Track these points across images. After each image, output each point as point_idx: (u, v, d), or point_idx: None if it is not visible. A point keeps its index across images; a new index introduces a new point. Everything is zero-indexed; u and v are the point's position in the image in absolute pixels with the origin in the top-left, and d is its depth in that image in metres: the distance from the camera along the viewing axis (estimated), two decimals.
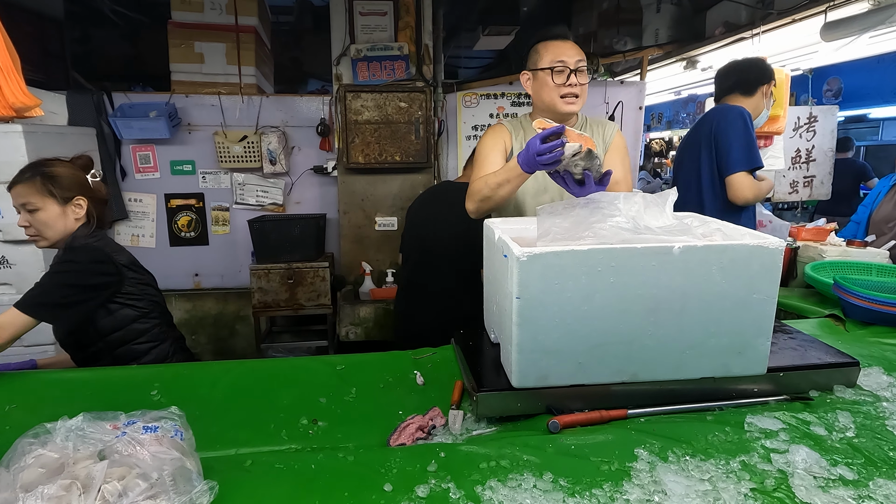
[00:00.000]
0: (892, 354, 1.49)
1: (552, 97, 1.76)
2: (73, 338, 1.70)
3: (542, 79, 1.77)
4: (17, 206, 1.63)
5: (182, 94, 3.38)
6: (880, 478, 0.94)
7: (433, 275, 2.46)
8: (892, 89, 6.74)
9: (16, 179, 1.63)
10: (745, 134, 2.29)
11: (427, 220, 2.51)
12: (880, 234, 3.24)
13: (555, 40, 1.79)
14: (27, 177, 1.62)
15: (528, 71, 1.83)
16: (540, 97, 1.80)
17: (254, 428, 1.21)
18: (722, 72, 2.51)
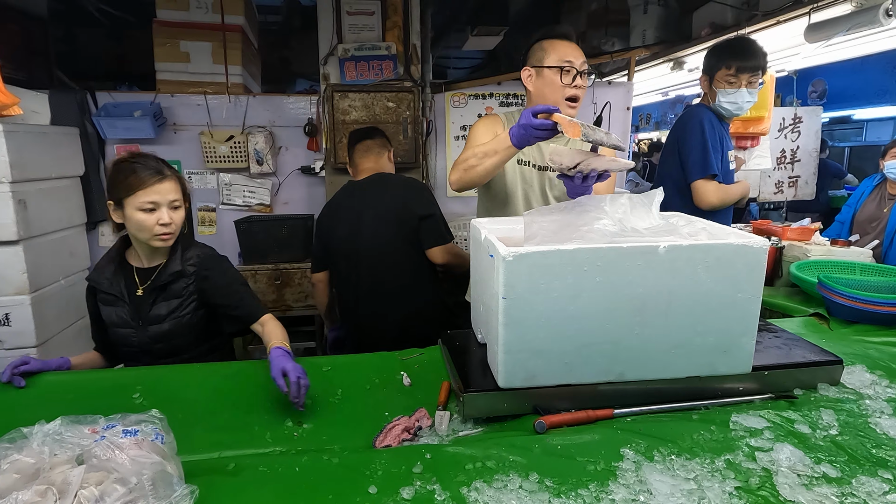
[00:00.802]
0: (874, 352, 1.51)
1: (557, 97, 1.75)
2: (205, 334, 1.69)
3: (549, 77, 1.76)
4: (163, 202, 1.54)
5: (167, 94, 3.34)
6: (863, 475, 0.95)
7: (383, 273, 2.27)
8: (876, 91, 6.83)
9: (161, 174, 1.54)
10: (701, 141, 2.27)
11: (350, 220, 2.28)
12: (864, 234, 3.28)
13: (561, 39, 1.78)
14: (170, 173, 1.57)
15: (531, 67, 1.80)
16: (543, 95, 1.79)
17: (238, 431, 1.20)
18: None
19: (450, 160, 3.74)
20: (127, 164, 1.54)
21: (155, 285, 1.61)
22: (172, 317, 1.61)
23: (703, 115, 2.31)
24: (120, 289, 1.62)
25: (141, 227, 1.53)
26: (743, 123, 2.64)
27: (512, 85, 3.67)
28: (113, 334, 1.64)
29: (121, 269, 1.64)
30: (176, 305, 1.61)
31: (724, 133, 2.37)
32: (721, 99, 2.24)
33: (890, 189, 3.32)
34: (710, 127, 2.26)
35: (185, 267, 1.62)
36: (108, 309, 1.62)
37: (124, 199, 1.52)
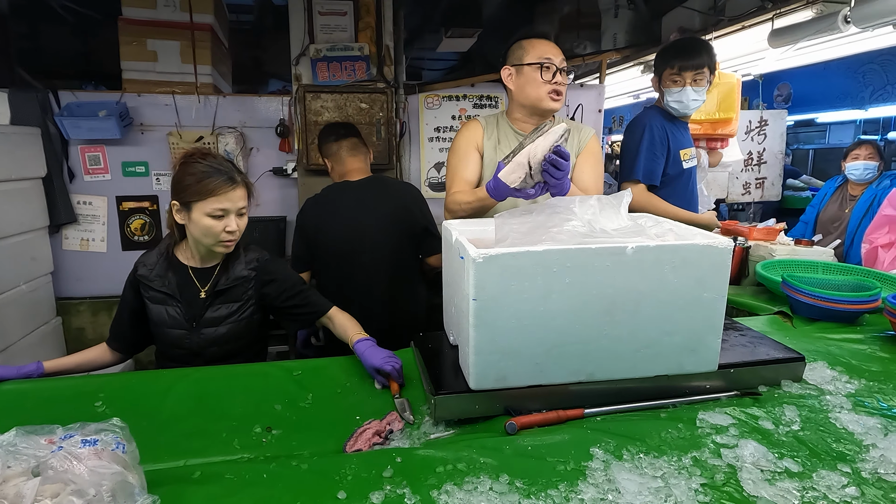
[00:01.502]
0: (835, 349, 1.55)
1: (539, 93, 1.77)
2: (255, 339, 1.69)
3: (529, 74, 1.78)
4: (233, 209, 1.49)
5: (134, 94, 3.26)
6: (823, 469, 0.97)
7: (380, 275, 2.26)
8: (838, 95, 7.05)
9: (234, 181, 1.49)
10: (635, 145, 2.31)
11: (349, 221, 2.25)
12: (826, 234, 3.38)
13: (540, 39, 1.81)
14: (240, 179, 1.52)
15: (511, 66, 1.82)
16: (524, 93, 1.80)
17: (205, 438, 1.17)
18: None
19: (424, 161, 3.73)
20: (199, 167, 1.48)
21: (218, 288, 1.58)
22: (230, 320, 1.58)
23: (648, 120, 2.34)
24: (173, 287, 1.57)
25: (207, 233, 1.49)
26: (712, 125, 2.70)
27: (486, 87, 3.68)
28: (162, 334, 1.59)
29: (173, 267, 1.59)
30: (235, 309, 1.59)
31: (678, 133, 2.39)
32: (668, 98, 2.29)
33: (851, 190, 3.43)
34: (652, 131, 2.29)
35: (248, 271, 1.60)
36: (158, 308, 1.58)
37: (194, 202, 1.47)
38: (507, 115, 1.93)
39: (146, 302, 1.59)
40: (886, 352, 1.54)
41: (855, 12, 2.03)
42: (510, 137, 1.89)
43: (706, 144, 2.75)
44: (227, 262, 1.61)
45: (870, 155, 3.32)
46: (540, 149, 1.41)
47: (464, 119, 3.71)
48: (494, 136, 1.88)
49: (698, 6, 3.19)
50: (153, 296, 1.58)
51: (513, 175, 1.45)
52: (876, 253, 2.44)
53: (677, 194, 2.38)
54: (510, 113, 1.92)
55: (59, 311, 3.27)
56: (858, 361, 1.47)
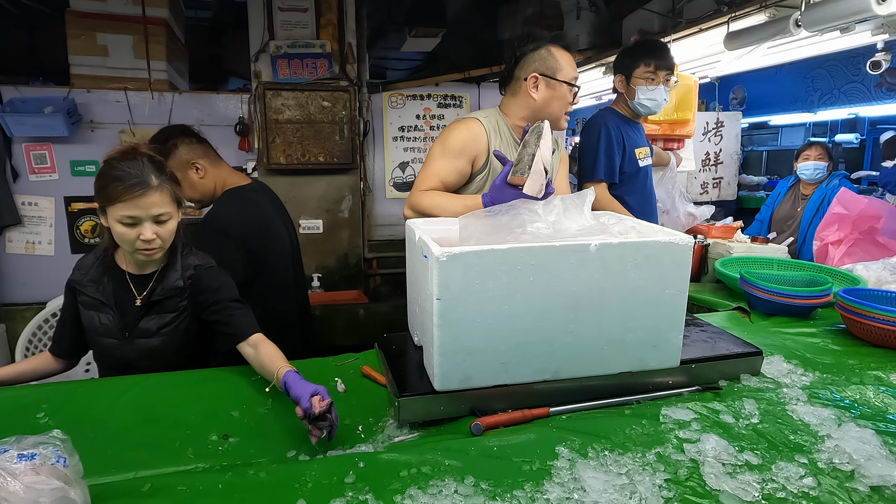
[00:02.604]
0: (791, 343, 1.59)
1: (560, 114, 1.74)
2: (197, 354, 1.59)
3: (560, 92, 1.71)
4: (144, 217, 1.35)
5: (83, 89, 3.12)
6: (781, 461, 0.99)
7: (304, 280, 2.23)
8: (790, 98, 7.33)
9: (146, 186, 1.34)
10: (594, 146, 2.33)
11: (281, 229, 2.09)
12: (780, 232, 3.50)
13: (568, 51, 1.74)
14: (158, 183, 1.37)
15: (540, 76, 1.69)
16: (549, 107, 1.72)
17: (156, 448, 1.12)
18: None
19: (388, 161, 3.70)
20: (111, 168, 1.35)
21: (153, 298, 1.46)
22: (164, 332, 1.47)
23: (604, 121, 2.35)
24: (108, 294, 1.46)
25: (121, 240, 1.39)
26: (670, 126, 2.75)
27: (451, 86, 3.68)
28: (94, 342, 1.49)
29: (109, 272, 1.48)
30: (168, 320, 1.47)
31: (633, 133, 2.43)
32: (640, 96, 2.31)
33: (803, 190, 3.56)
34: (609, 130, 2.31)
35: (183, 281, 1.48)
36: (91, 314, 1.47)
37: (106, 207, 1.36)
38: (505, 114, 1.80)
39: (80, 307, 1.50)
40: (838, 344, 1.59)
41: (805, 16, 2.10)
42: (510, 145, 1.78)
43: (663, 145, 2.80)
44: (165, 270, 1.50)
45: (819, 156, 3.45)
46: (547, 152, 1.39)
47: (428, 119, 3.69)
48: (498, 145, 1.75)
49: (658, 9, 3.26)
50: (86, 301, 1.48)
51: (536, 186, 1.39)
52: (826, 249, 2.52)
53: (635, 192, 2.41)
54: (512, 118, 1.79)
55: (3, 317, 3.11)
56: (812, 354, 1.51)
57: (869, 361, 1.45)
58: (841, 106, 6.78)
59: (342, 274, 3.58)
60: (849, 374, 1.37)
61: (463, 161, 1.70)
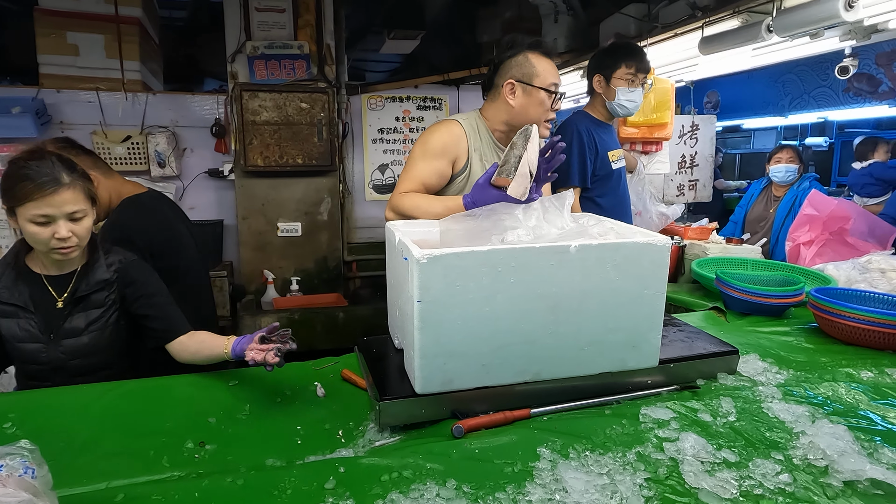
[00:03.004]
0: (765, 342, 1.62)
1: (539, 119, 1.71)
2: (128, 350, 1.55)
3: (538, 98, 1.70)
4: (58, 215, 1.33)
5: (52, 89, 3.04)
6: (758, 458, 1.01)
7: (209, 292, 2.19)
8: (762, 103, 7.50)
9: (58, 183, 1.32)
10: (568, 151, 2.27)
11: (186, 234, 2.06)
12: (754, 233, 3.57)
13: (547, 57, 1.74)
14: (70, 180, 1.34)
15: (517, 83, 1.70)
16: (526, 113, 1.71)
17: (129, 457, 1.09)
18: None
19: (367, 163, 3.68)
20: (18, 168, 1.33)
21: (78, 295, 1.43)
22: (92, 329, 1.44)
23: (576, 126, 2.34)
24: (25, 299, 1.42)
25: (35, 241, 1.35)
26: (648, 129, 2.79)
27: (430, 88, 3.67)
28: (16, 350, 1.43)
29: (23, 277, 1.44)
30: (96, 316, 1.45)
31: (605, 135, 2.42)
32: (620, 97, 2.31)
33: (775, 191, 3.64)
34: (581, 135, 2.30)
35: (110, 274, 1.46)
36: (8, 322, 1.42)
37: (15, 208, 1.32)
38: (485, 118, 1.80)
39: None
40: (811, 343, 1.62)
41: (776, 22, 2.15)
42: (491, 149, 1.79)
43: (642, 148, 2.84)
44: (87, 267, 1.47)
45: (790, 158, 3.53)
46: (534, 155, 1.39)
47: (407, 121, 3.68)
48: (479, 147, 1.77)
49: (634, 13, 3.30)
50: (2, 309, 1.43)
51: (520, 189, 1.38)
52: (798, 250, 2.58)
53: (608, 194, 2.41)
54: (492, 122, 1.79)
55: None
56: (787, 353, 1.54)
57: (840, 359, 1.49)
58: (811, 110, 6.95)
59: (321, 277, 3.54)
60: (821, 372, 1.40)
61: (444, 162, 1.71)
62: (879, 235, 2.66)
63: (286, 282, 3.40)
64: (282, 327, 1.32)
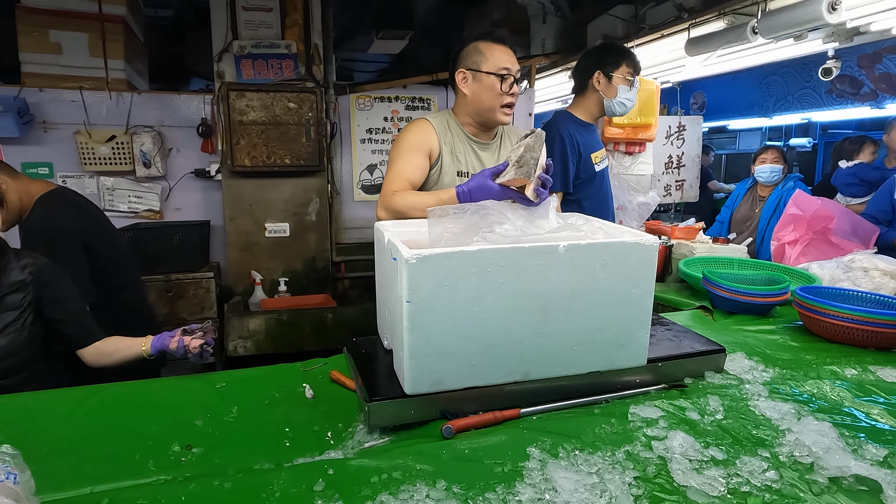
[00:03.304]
0: (752, 340, 1.64)
1: (493, 105, 1.72)
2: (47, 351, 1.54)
3: (487, 83, 1.71)
4: None
5: (35, 88, 2.99)
6: (745, 455, 1.01)
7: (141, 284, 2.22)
8: (747, 103, 7.59)
9: None
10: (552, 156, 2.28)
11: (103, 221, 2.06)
12: (740, 232, 3.61)
13: (498, 44, 1.75)
14: None
15: (467, 70, 1.74)
16: (479, 101, 1.74)
17: (115, 461, 1.07)
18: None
19: (356, 163, 3.66)
20: None
21: None
22: (8, 331, 1.43)
23: (559, 129, 2.32)
24: None
25: None
26: (633, 130, 2.81)
27: (418, 89, 3.67)
28: None
29: None
30: (12, 319, 1.43)
31: (588, 136, 2.41)
32: (621, 96, 2.30)
33: (760, 191, 3.68)
34: (564, 140, 2.29)
35: (24, 275, 1.45)
36: None
37: None
38: (455, 115, 1.85)
39: None
40: (796, 341, 1.64)
41: (761, 24, 2.18)
42: (464, 143, 1.82)
43: (625, 148, 2.85)
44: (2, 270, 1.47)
45: (775, 159, 3.57)
46: (544, 160, 1.39)
47: (396, 121, 3.68)
48: (450, 142, 1.80)
49: (622, 14, 3.32)
50: None
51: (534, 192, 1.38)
52: (783, 249, 2.61)
53: (592, 196, 2.40)
54: (460, 116, 1.85)
55: None
56: (772, 351, 1.56)
57: (825, 357, 1.51)
58: (795, 111, 7.05)
59: (310, 278, 3.52)
60: (806, 370, 1.42)
61: (421, 156, 1.75)
62: (862, 234, 2.70)
63: (274, 283, 3.37)
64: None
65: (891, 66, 5.29)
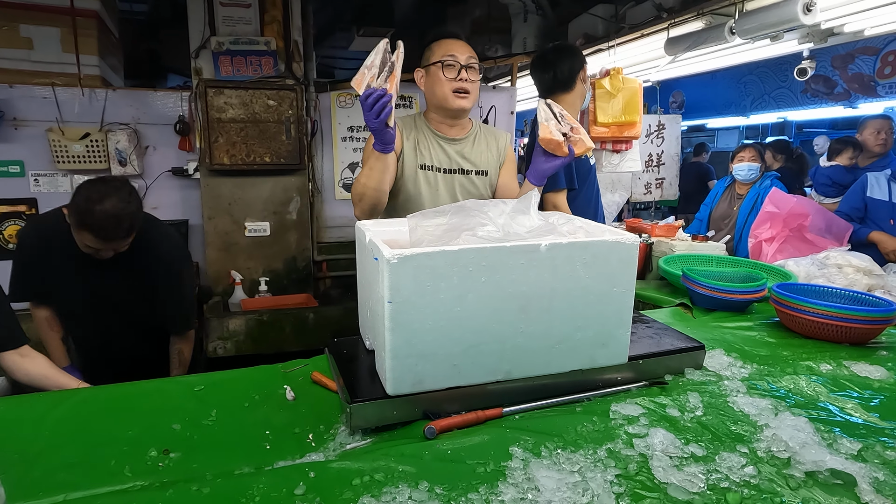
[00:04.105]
0: (730, 336, 1.66)
1: (444, 92, 1.76)
2: None
3: (434, 74, 1.77)
4: None
5: (5, 84, 2.91)
6: (724, 451, 1.03)
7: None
8: (724, 103, 7.70)
9: None
10: None
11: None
12: (718, 230, 3.66)
13: (448, 38, 1.80)
14: None
15: (421, 68, 1.83)
16: (433, 93, 1.80)
17: (88, 467, 1.04)
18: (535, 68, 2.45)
19: (337, 161, 3.63)
20: None
21: None
22: None
23: None
24: None
25: None
26: (619, 128, 2.82)
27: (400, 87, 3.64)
28: None
29: None
30: None
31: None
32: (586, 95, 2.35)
33: (738, 189, 3.73)
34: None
35: None
36: None
37: None
38: (424, 116, 1.91)
39: None
40: (773, 337, 1.67)
41: (739, 24, 2.21)
42: (429, 138, 1.86)
43: (612, 147, 2.88)
44: None
45: (752, 157, 3.63)
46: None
47: None
48: (413, 137, 1.84)
49: (602, 14, 3.34)
50: None
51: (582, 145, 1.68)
52: (760, 246, 2.66)
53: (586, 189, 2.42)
54: (427, 114, 1.91)
55: None
56: (750, 347, 1.58)
57: (801, 352, 1.53)
58: (771, 110, 7.18)
59: (290, 277, 3.49)
60: (783, 366, 1.44)
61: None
62: (836, 232, 2.76)
63: (254, 283, 3.33)
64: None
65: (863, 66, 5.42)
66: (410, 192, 1.83)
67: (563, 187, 2.30)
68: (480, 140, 1.92)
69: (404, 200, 1.83)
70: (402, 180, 1.82)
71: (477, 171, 1.90)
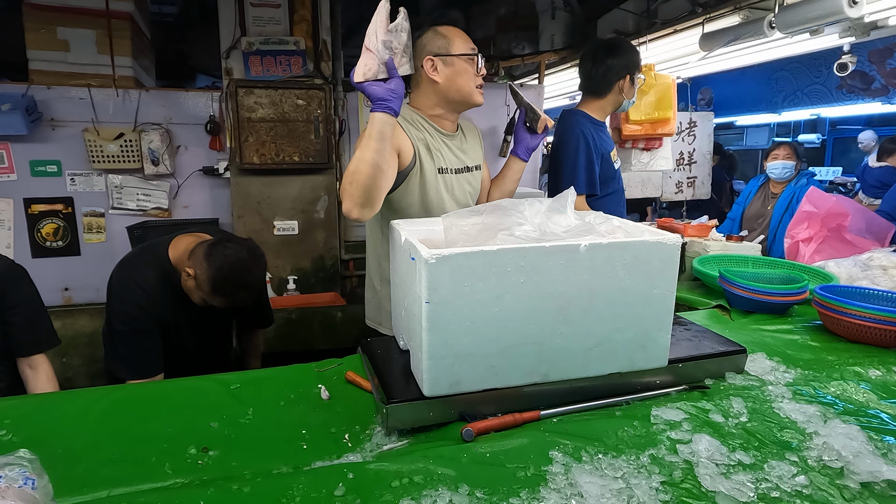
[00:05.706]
0: (771, 340, 1.61)
1: (470, 87, 1.66)
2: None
3: (460, 66, 1.64)
4: None
5: (43, 86, 2.98)
6: (773, 459, 0.99)
7: None
8: (754, 100, 7.53)
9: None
10: (573, 157, 2.21)
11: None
12: (751, 229, 3.57)
13: (456, 27, 1.70)
14: None
15: (435, 57, 1.63)
16: (455, 86, 1.65)
17: (131, 464, 1.06)
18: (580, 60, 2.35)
19: None
20: None
21: None
22: None
23: (580, 128, 2.24)
24: None
25: None
26: (652, 125, 2.77)
27: None
28: None
29: None
30: None
31: (605, 135, 2.36)
32: (633, 97, 2.28)
33: (772, 188, 3.64)
34: (587, 139, 2.22)
35: None
36: None
37: None
38: (417, 109, 1.73)
39: None
40: (816, 341, 1.61)
41: (779, 18, 2.15)
42: (435, 138, 1.72)
43: (644, 145, 2.82)
44: None
45: (787, 155, 3.53)
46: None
47: None
48: (423, 138, 1.68)
49: (632, 9, 3.29)
50: None
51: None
52: (797, 247, 2.58)
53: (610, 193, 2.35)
54: (425, 109, 1.72)
55: None
56: (793, 351, 1.53)
57: (847, 357, 1.48)
58: (803, 107, 6.99)
59: (318, 276, 3.51)
60: (829, 371, 1.39)
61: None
62: (876, 232, 2.67)
63: (282, 281, 3.36)
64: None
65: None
66: (433, 200, 1.68)
67: (583, 192, 2.25)
68: (465, 132, 1.84)
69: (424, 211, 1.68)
70: (422, 188, 1.67)
71: (476, 166, 1.83)
